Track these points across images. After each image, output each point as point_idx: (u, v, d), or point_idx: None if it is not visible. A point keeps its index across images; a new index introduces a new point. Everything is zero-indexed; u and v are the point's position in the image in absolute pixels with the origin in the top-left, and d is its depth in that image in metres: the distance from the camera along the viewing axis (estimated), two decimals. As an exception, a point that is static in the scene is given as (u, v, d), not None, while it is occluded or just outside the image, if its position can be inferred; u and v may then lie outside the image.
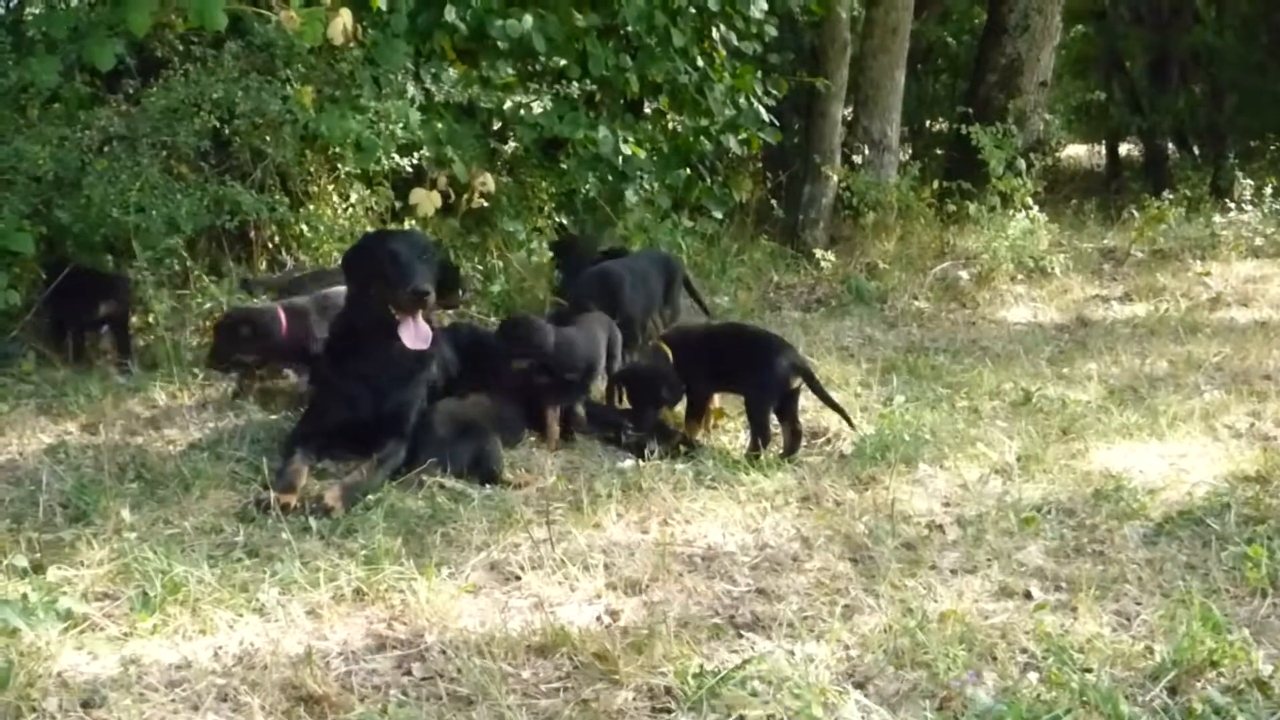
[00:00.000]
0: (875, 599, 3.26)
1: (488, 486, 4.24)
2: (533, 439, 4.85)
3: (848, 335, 7.31)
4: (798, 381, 4.72)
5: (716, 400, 5.14)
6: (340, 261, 4.87)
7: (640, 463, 4.51)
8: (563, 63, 7.74)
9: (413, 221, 6.76)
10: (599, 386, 5.24)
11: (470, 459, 4.35)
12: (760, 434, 4.66)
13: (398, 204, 6.97)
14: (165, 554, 3.37)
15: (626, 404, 5.02)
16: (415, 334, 4.36)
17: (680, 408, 5.07)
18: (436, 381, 4.72)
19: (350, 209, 6.83)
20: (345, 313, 4.69)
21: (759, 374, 4.72)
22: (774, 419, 4.75)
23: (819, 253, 8.91)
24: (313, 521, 3.77)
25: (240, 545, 3.61)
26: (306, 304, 5.27)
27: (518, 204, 7.41)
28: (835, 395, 4.95)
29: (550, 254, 7.06)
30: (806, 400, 4.89)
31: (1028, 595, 3.32)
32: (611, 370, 5.30)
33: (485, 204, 6.99)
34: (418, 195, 6.58)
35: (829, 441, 4.88)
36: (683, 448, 4.70)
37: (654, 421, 4.91)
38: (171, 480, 4.18)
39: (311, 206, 6.70)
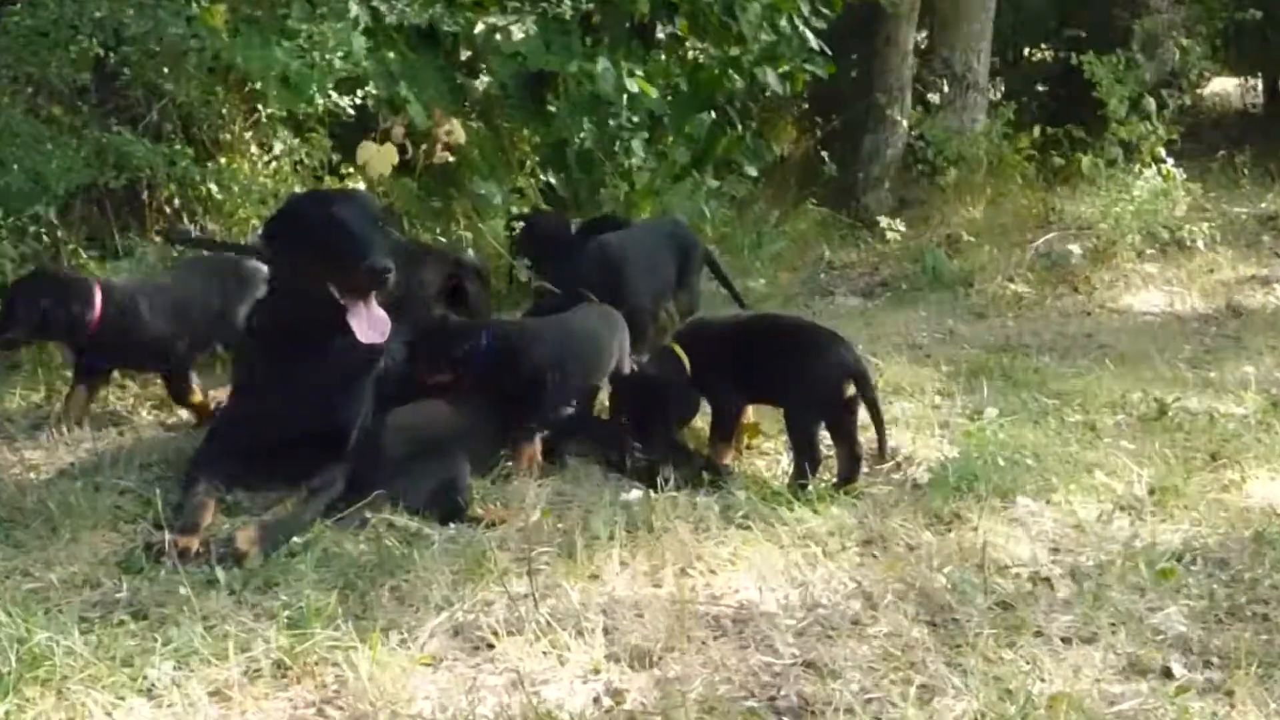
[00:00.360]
0: (961, 676, 3.20)
1: (452, 525, 4.24)
2: (511, 462, 4.85)
3: (921, 329, 7.33)
4: (853, 389, 4.71)
5: (750, 414, 5.13)
6: (261, 232, 4.89)
7: (651, 494, 4.49)
8: (550, -29, 7.82)
9: (358, 181, 6.74)
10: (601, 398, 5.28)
11: (429, 489, 4.34)
12: (807, 457, 4.66)
13: (337, 158, 6.98)
14: (23, 616, 3.30)
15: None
16: (369, 323, 4.35)
17: (703, 423, 5.05)
18: (385, 386, 4.73)
19: (275, 164, 6.85)
20: (266, 300, 4.70)
21: (804, 379, 4.72)
22: (825, 437, 4.74)
23: (883, 221, 8.92)
24: (220, 572, 3.74)
25: (123, 604, 3.57)
26: (166, 283, 5.32)
27: (492, 159, 7.43)
28: (904, 409, 4.92)
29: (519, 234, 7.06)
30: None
31: (1166, 673, 3.28)
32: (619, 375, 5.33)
33: (451, 159, 6.97)
34: (364, 147, 6.57)
35: (898, 467, 4.86)
36: (706, 475, 4.70)
37: (667, 442, 4.91)
38: (33, 518, 4.15)
39: (224, 160, 6.70)
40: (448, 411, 4.72)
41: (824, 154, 10.44)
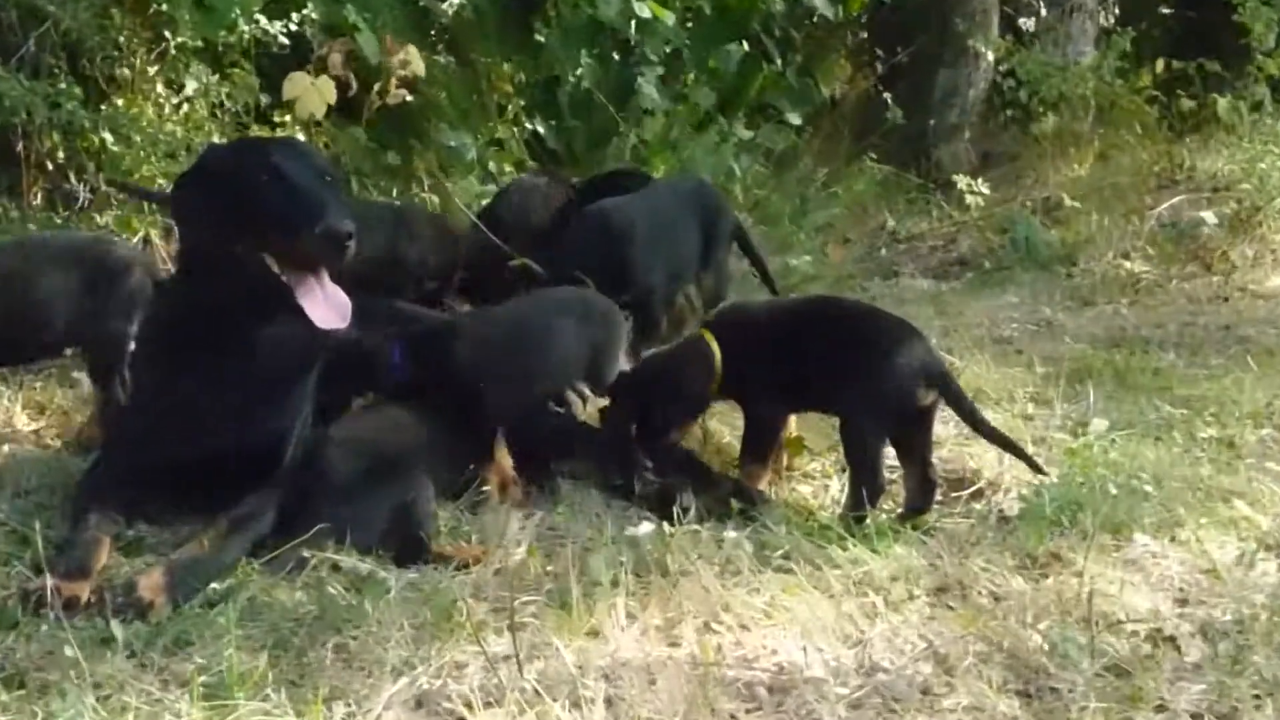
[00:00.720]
0: (1063, 761, 3.20)
1: (413, 566, 4.25)
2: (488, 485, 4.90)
3: (1010, 318, 7.34)
4: (930, 395, 4.72)
5: (793, 425, 5.16)
6: (173, 190, 4.89)
7: (666, 528, 4.50)
8: None
9: (293, 128, 6.74)
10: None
11: (384, 520, 4.37)
12: (867, 481, 4.67)
13: (266, 100, 6.96)
14: None
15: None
16: (327, 304, 4.38)
17: (733, 436, 5.08)
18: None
19: (186, 107, 6.85)
20: (175, 280, 4.73)
21: (867, 382, 4.73)
22: (889, 455, 4.77)
23: (962, 182, 8.87)
24: (118, 627, 3.74)
25: (-4, 666, 3.58)
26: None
27: (464, 102, 7.42)
28: (989, 419, 4.92)
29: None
30: (946, 426, 4.89)
31: (1323, 758, 3.27)
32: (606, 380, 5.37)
33: (409, 99, 6.96)
34: (293, 80, 6.56)
35: (980, 494, 4.87)
36: (736, 503, 4.72)
37: (685, 459, 4.96)
38: (-125, 560, 4.17)
39: (121, 102, 6.70)
40: (407, 420, 4.75)
41: (886, 96, 10.42)
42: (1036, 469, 4.77)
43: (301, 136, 6.65)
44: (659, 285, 6.17)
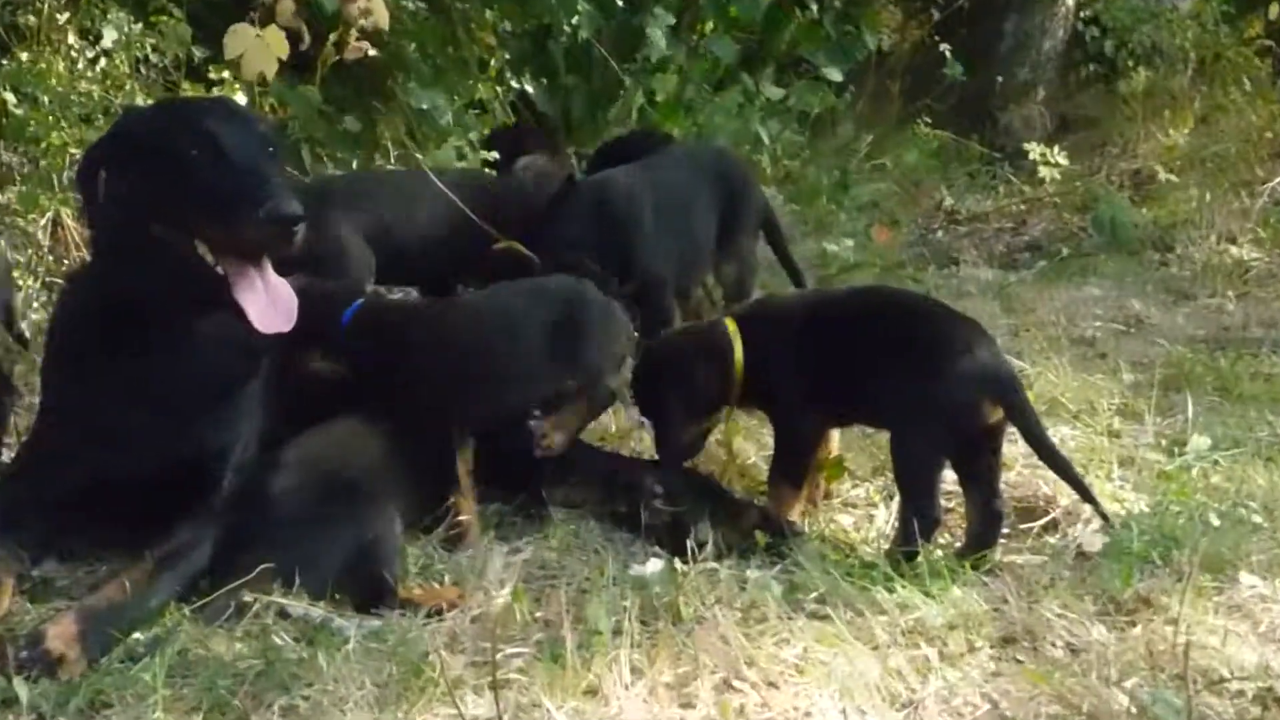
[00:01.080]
0: (1153, 846, 3.23)
1: (376, 612, 4.27)
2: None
3: (1092, 315, 7.35)
4: (997, 409, 4.72)
5: (834, 443, 5.20)
6: (82, 163, 4.80)
7: (679, 565, 4.52)
8: None
9: (235, 92, 6.74)
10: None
11: (341, 557, 4.37)
12: (920, 510, 4.68)
13: (201, 54, 7.03)
14: None
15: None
16: (269, 301, 4.38)
17: (759, 455, 5.11)
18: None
19: (105, 61, 6.87)
20: (88, 271, 4.76)
21: (922, 391, 4.73)
22: (947, 479, 4.78)
23: (1035, 150, 8.85)
24: (21, 686, 3.75)
25: (-125, 732, 3.59)
26: None
27: (439, 55, 7.41)
28: (1064, 436, 4.93)
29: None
30: (1014, 445, 4.90)
31: None
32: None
33: (371, 53, 6.97)
34: (236, 33, 6.56)
35: (1054, 526, 4.88)
36: (762, 535, 4.73)
37: (697, 481, 5.00)
38: None
39: (25, 55, 6.71)
40: (369, 439, 4.76)
41: (944, 48, 10.40)
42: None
43: (243, 98, 6.65)
44: (666, 272, 6.18)
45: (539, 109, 7.95)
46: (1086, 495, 4.75)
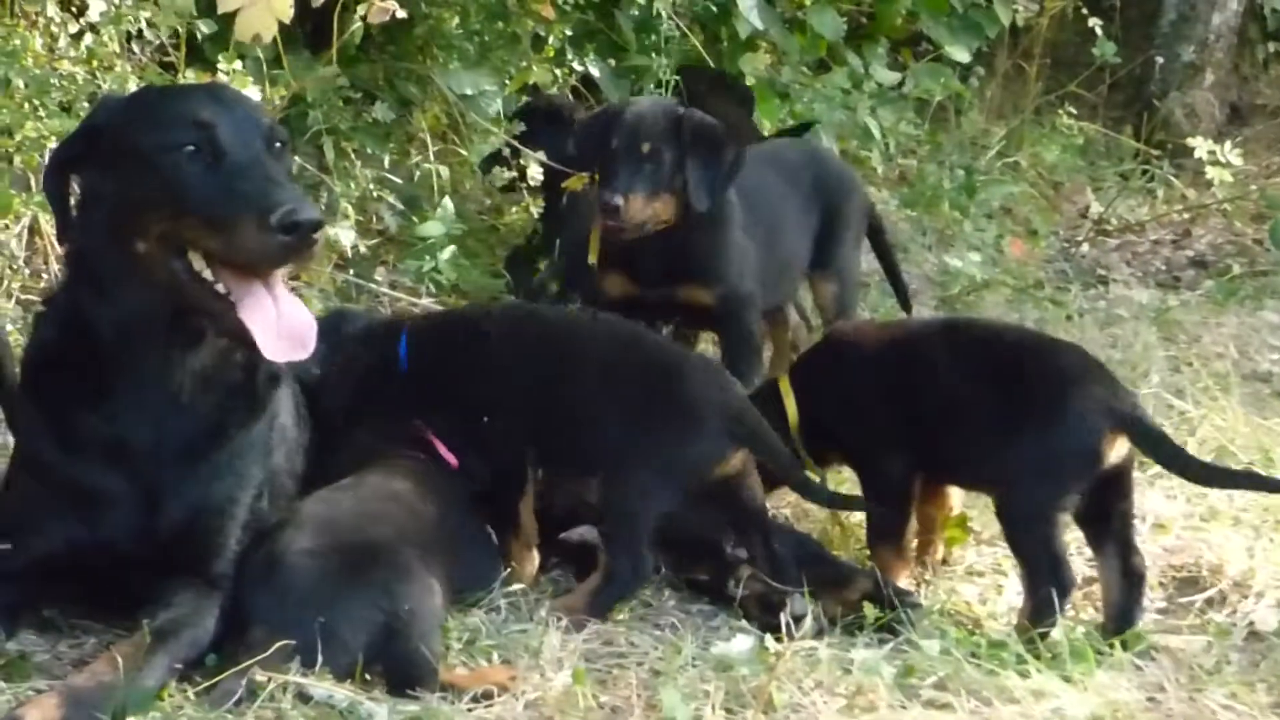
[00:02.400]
0: None
1: (412, 694, 4.24)
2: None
3: (1267, 345, 7.36)
4: (1121, 448, 4.74)
5: (955, 499, 5.24)
6: (52, 160, 4.82)
7: (771, 644, 4.51)
8: None
9: (242, 75, 6.73)
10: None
11: (371, 632, 4.33)
12: (1049, 577, 4.69)
13: (203, 29, 7.01)
14: None
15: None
16: (282, 325, 4.36)
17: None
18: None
19: (90, 38, 6.84)
20: (66, 292, 4.71)
21: (1031, 441, 4.77)
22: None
23: (1201, 147, 8.84)
24: (-5, 778, 3.80)
25: None
26: None
27: (485, 29, 7.43)
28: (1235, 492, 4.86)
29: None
30: (1174, 501, 4.88)
31: None
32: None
33: (400, 14, 6.96)
34: (236, -4, 6.57)
35: (1220, 600, 4.90)
36: (870, 608, 4.73)
37: (793, 543, 5.02)
38: None
39: None
40: (404, 491, 4.77)
41: (1094, 23, 10.35)
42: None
43: (253, 87, 6.62)
44: (750, 289, 6.17)
45: (604, 92, 7.95)
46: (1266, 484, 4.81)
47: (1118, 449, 4.72)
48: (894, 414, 5.02)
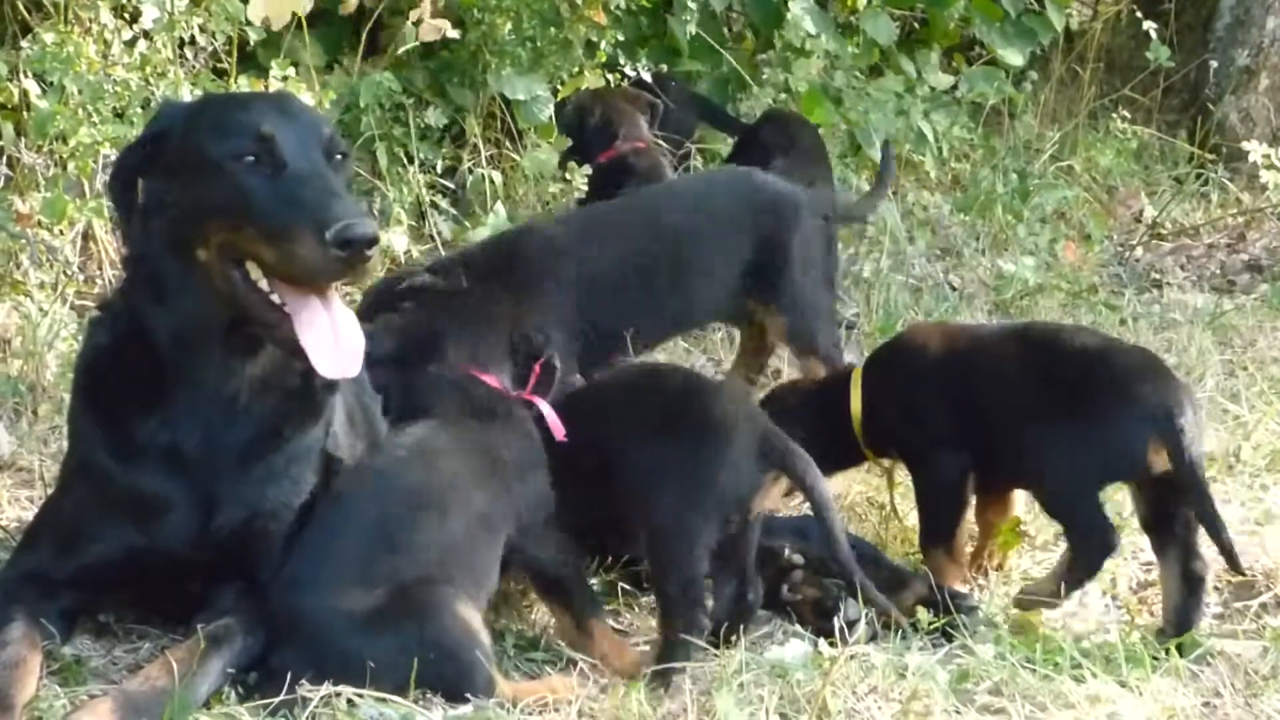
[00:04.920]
0: None
1: (464, 707, 4.25)
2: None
3: None
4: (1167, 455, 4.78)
5: (1012, 504, 5.28)
6: (112, 170, 4.86)
7: (825, 649, 4.53)
8: None
9: (298, 83, 6.81)
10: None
11: (418, 641, 4.33)
12: (1082, 534, 4.82)
13: (254, 36, 7.11)
14: None
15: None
16: (334, 341, 4.40)
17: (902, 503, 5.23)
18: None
19: (145, 44, 6.92)
20: (123, 299, 4.76)
21: (1077, 437, 4.83)
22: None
23: (1257, 151, 8.78)
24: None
25: None
26: None
27: (536, 33, 7.43)
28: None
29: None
30: (1229, 506, 4.97)
31: None
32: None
33: (451, 34, 7.04)
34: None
35: (1276, 605, 4.92)
36: (925, 614, 4.76)
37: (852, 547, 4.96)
38: None
39: (50, 38, 6.65)
40: (455, 473, 4.74)
41: (1148, 27, 10.33)
42: (1236, 566, 4.80)
43: (307, 95, 6.62)
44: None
45: (658, 97, 7.96)
46: (1222, 543, 4.74)
47: (1165, 457, 4.73)
48: (955, 415, 5.08)
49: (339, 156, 4.57)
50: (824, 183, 7.83)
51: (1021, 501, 5.32)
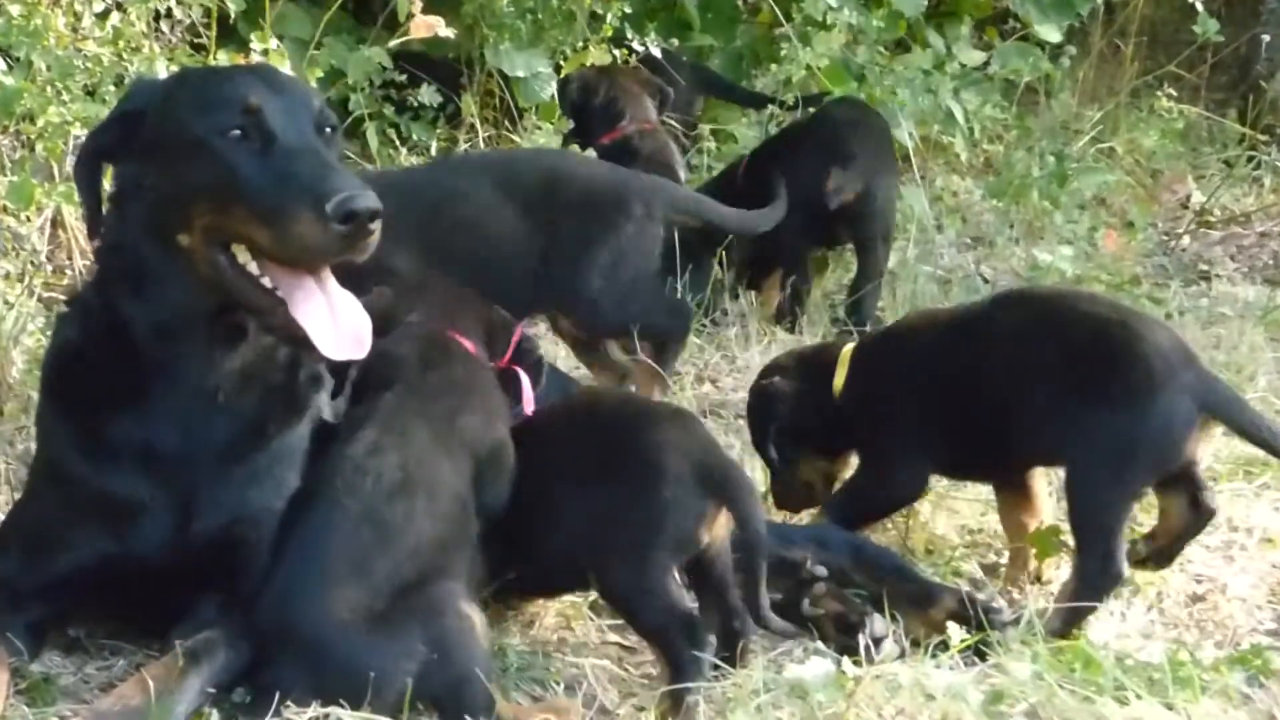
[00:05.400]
0: None
1: None
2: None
3: None
4: (1200, 442, 4.73)
5: (1045, 509, 5.21)
6: (81, 151, 4.79)
7: (849, 667, 4.42)
8: None
9: (282, 54, 6.72)
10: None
11: (415, 679, 4.22)
12: (1102, 562, 4.71)
13: (234, 7, 7.05)
14: None
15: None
16: (337, 321, 4.34)
17: (947, 524, 5.16)
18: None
19: (117, 16, 6.83)
20: (95, 291, 4.67)
21: (1105, 419, 4.75)
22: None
23: None
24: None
25: None
26: None
27: (536, 4, 7.40)
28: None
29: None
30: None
31: None
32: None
33: (443, 33, 6.95)
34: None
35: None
36: (956, 628, 4.63)
37: (871, 556, 5.01)
38: None
39: (17, 10, 6.67)
40: (433, 468, 4.62)
41: (1194, -1, 10.32)
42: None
43: (288, 66, 6.60)
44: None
45: (667, 73, 7.94)
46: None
47: (1198, 445, 4.76)
48: (937, 406, 5.10)
49: (329, 130, 4.51)
50: (887, 177, 7.85)
51: (1054, 507, 5.24)
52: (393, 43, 7.24)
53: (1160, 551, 4.82)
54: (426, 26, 6.88)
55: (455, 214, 6.52)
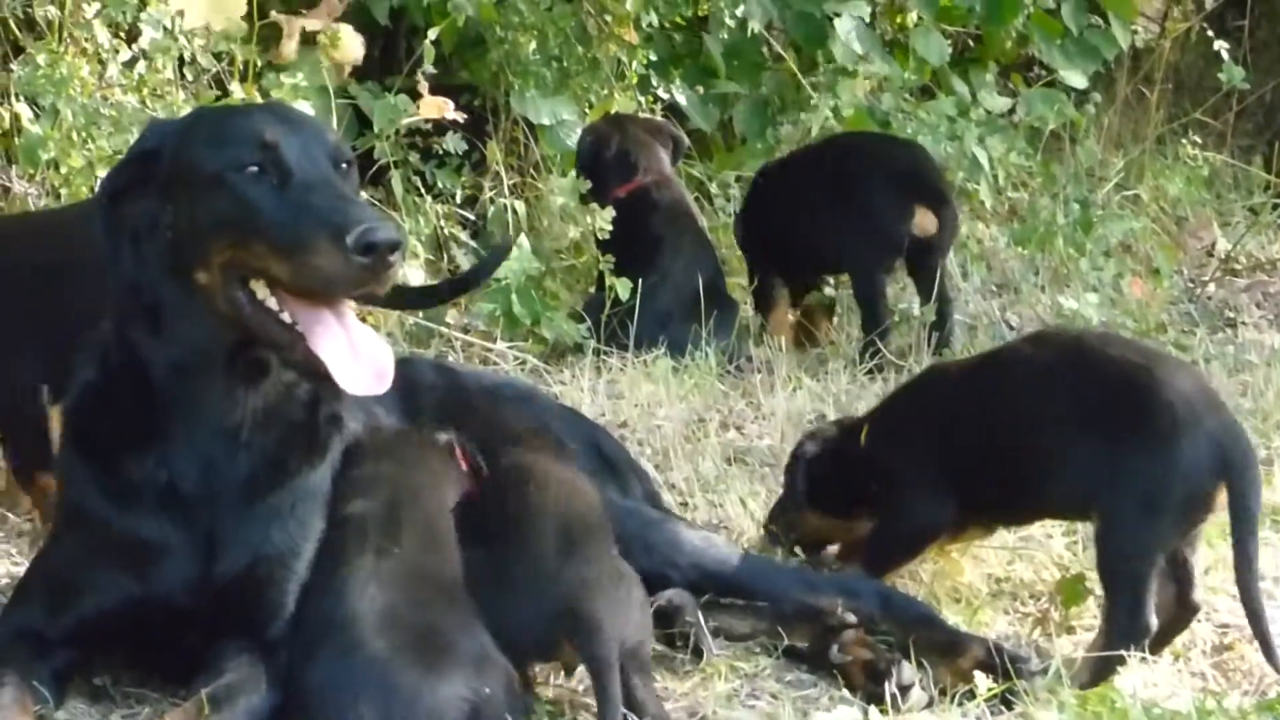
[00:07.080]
0: None
1: None
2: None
3: None
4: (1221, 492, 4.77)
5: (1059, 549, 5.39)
6: (99, 192, 4.89)
7: (876, 716, 4.53)
8: None
9: (310, 94, 6.84)
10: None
11: (446, 700, 4.23)
12: (1121, 615, 4.80)
13: (258, 55, 7.16)
14: None
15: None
16: (358, 355, 4.40)
17: (974, 571, 5.26)
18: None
19: (144, 63, 6.96)
20: (116, 333, 4.70)
21: (1131, 466, 4.83)
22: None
23: None
24: None
25: None
26: None
27: (563, 53, 7.44)
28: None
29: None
30: None
31: None
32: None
33: (453, 116, 7.06)
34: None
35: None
36: (983, 677, 4.71)
37: (899, 605, 5.05)
38: None
39: (42, 57, 6.69)
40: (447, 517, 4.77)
41: (1220, 46, 10.35)
42: (1270, 659, 4.77)
43: (307, 107, 6.68)
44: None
45: (692, 121, 7.99)
46: (1257, 630, 4.77)
47: (1218, 490, 4.77)
48: (959, 451, 5.17)
49: (344, 165, 4.58)
50: (952, 206, 7.87)
51: (1082, 554, 5.39)
52: (405, 121, 7.30)
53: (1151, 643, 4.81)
54: (436, 107, 6.96)
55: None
